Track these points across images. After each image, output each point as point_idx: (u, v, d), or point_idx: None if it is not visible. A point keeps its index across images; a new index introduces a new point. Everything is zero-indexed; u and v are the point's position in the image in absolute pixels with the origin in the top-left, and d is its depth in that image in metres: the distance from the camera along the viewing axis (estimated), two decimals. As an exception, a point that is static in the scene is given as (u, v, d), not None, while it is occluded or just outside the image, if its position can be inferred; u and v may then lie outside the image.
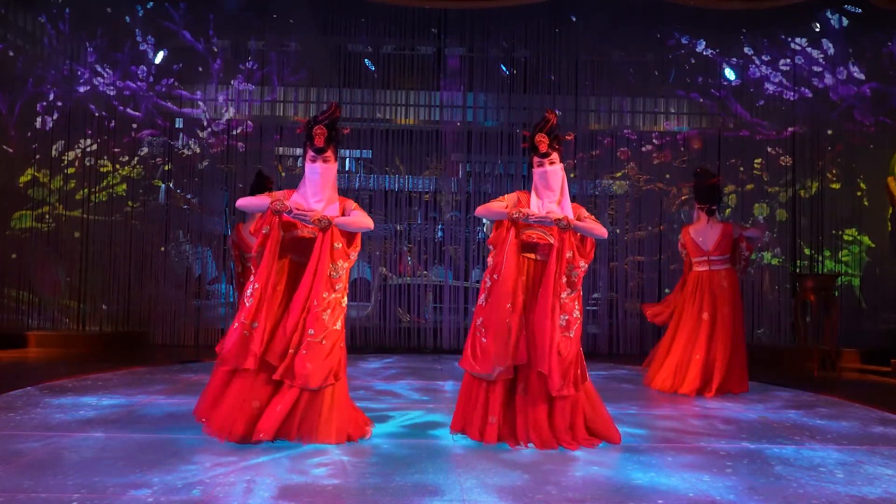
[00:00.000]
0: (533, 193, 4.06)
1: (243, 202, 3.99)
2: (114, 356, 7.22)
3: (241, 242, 6.36)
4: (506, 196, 4.12)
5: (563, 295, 3.87)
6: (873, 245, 8.67)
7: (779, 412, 5.12)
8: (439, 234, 9.13)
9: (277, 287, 3.87)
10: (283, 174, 8.95)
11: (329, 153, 3.94)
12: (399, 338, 8.73)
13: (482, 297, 3.96)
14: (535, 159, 4.06)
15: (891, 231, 8.49)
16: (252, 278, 3.86)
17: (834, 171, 8.75)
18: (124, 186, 8.64)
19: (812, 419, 4.87)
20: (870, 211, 8.68)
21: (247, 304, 3.79)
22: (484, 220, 9.11)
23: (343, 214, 3.95)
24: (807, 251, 8.72)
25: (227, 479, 3.17)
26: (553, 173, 4.01)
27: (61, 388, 5.33)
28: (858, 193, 8.71)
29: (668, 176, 8.88)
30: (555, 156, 4.02)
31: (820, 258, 8.69)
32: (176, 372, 6.31)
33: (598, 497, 3.08)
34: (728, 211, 8.81)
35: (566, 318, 3.86)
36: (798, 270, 8.55)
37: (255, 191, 6.45)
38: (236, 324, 3.79)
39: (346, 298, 3.93)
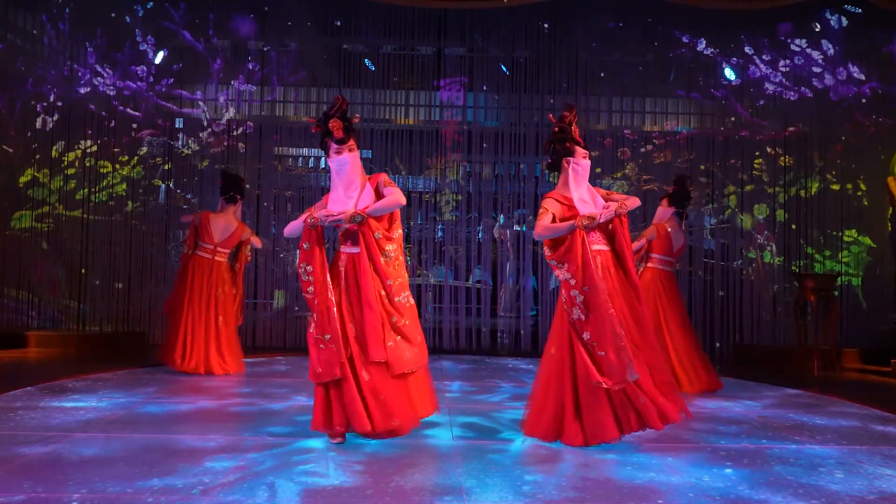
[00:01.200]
0: (573, 188, 4.01)
1: (289, 230, 4.01)
2: (114, 356, 7.22)
3: (203, 231, 6.42)
4: (547, 205, 4.00)
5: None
6: (874, 245, 8.67)
7: (779, 412, 5.13)
8: (439, 234, 9.13)
9: (337, 291, 3.91)
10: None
11: (351, 142, 3.97)
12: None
13: (577, 311, 3.83)
14: (581, 151, 4.03)
15: (891, 231, 8.49)
16: (310, 290, 3.87)
17: (834, 172, 8.74)
18: (124, 186, 8.64)
19: (812, 419, 4.87)
20: (870, 211, 8.68)
21: (314, 319, 3.84)
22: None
23: (377, 192, 3.97)
24: (808, 251, 8.71)
25: (227, 479, 3.17)
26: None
27: (61, 388, 5.33)
28: (858, 193, 8.71)
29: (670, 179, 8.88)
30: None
31: (820, 258, 8.69)
32: (176, 372, 6.30)
33: (599, 497, 3.08)
34: (728, 212, 8.82)
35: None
36: (798, 270, 8.55)
37: (226, 191, 6.52)
38: (312, 340, 3.83)
39: (404, 272, 4.00)
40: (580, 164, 4.02)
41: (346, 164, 3.95)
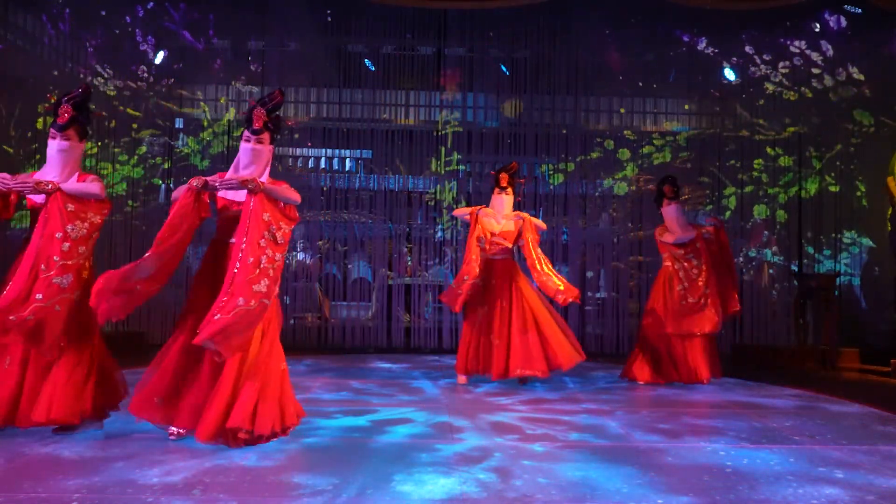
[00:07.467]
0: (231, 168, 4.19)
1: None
2: (114, 356, 7.19)
3: None
4: None
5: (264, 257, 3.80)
6: (874, 245, 8.67)
7: (778, 411, 5.13)
8: (439, 234, 9.13)
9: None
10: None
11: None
12: (399, 338, 8.72)
13: None
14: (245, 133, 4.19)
15: (891, 231, 8.49)
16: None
17: (833, 172, 8.75)
18: (124, 186, 8.64)
19: (812, 419, 4.87)
20: (870, 211, 8.68)
21: None
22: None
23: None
24: (808, 250, 8.71)
25: (228, 479, 3.17)
26: (244, 150, 4.17)
27: (61, 388, 5.31)
28: (858, 194, 8.71)
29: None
30: (263, 136, 4.23)
31: (820, 258, 8.69)
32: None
33: (598, 496, 3.08)
34: (728, 213, 8.82)
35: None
36: (798, 270, 8.55)
37: None
38: None
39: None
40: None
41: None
